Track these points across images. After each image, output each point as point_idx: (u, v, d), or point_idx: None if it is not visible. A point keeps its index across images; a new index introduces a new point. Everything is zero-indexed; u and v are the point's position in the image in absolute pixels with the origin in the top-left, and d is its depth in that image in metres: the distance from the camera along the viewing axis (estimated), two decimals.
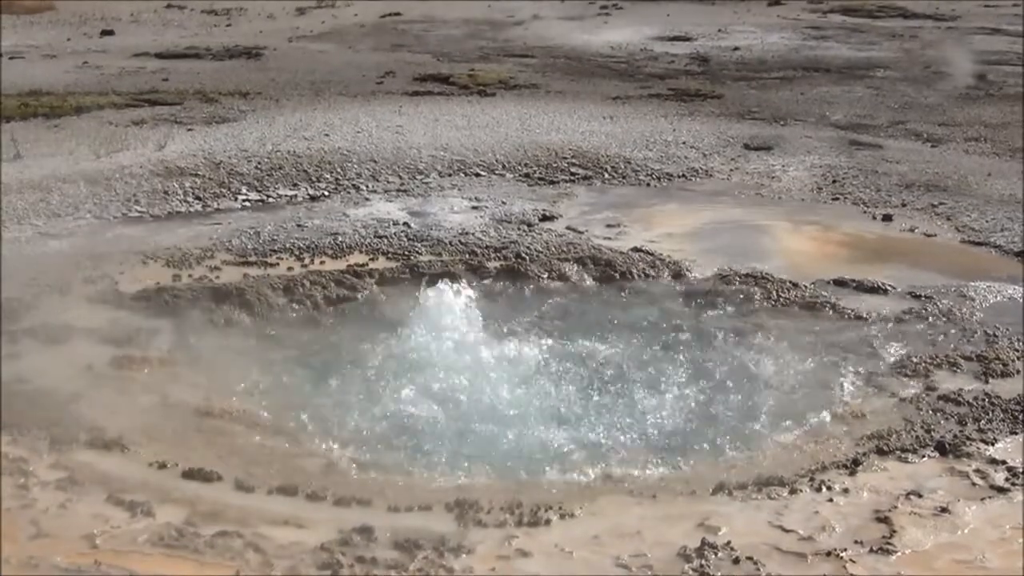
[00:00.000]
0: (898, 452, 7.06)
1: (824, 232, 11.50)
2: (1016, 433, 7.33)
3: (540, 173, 13.36)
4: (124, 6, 28.75)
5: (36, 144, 13.88)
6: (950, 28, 27.40)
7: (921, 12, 29.98)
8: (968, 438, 7.24)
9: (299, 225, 11.14)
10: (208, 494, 6.43)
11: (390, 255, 10.37)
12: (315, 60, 21.70)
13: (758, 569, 5.81)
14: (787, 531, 6.17)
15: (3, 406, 7.23)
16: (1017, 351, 8.57)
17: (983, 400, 7.78)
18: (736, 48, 23.83)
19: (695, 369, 8.27)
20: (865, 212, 12.16)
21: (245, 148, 13.83)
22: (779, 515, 6.33)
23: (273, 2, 30.10)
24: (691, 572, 5.78)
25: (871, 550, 6.00)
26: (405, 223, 11.29)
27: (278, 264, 10.09)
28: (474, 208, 11.95)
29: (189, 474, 6.63)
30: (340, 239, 10.73)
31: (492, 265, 10.17)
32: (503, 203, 12.11)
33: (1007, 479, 6.77)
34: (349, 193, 12.43)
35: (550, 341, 8.61)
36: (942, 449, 7.07)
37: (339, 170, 13.07)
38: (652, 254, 10.45)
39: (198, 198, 12.02)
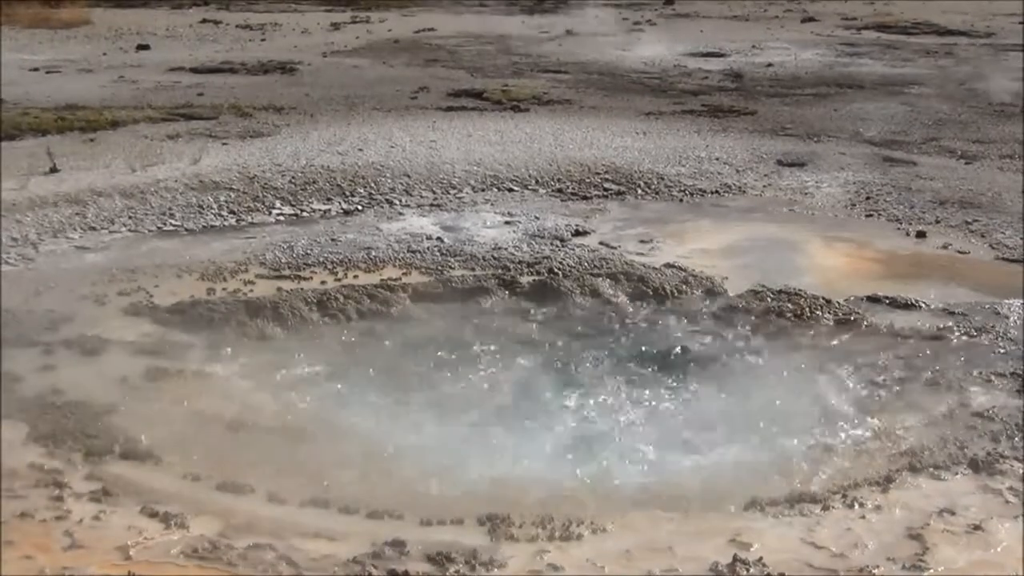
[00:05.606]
0: (931, 469, 7.04)
1: (857, 249, 11.45)
2: None
3: (573, 188, 13.38)
4: (159, 20, 29.05)
5: (72, 158, 14.01)
6: (985, 45, 27.29)
7: (956, 29, 29.91)
8: (1002, 455, 7.21)
9: (332, 239, 11.19)
10: (242, 506, 6.47)
11: (423, 269, 10.40)
12: (349, 75, 21.82)
13: None
14: (819, 547, 6.16)
15: (39, 418, 7.30)
16: None
17: (1017, 417, 7.74)
18: (770, 64, 23.82)
19: (723, 381, 8.27)
20: (899, 229, 12.11)
21: (279, 162, 13.91)
22: (811, 531, 6.32)
23: (307, 17, 30.28)
24: None
25: (904, 567, 5.98)
26: (438, 238, 11.32)
27: (311, 278, 10.13)
28: (507, 223, 11.97)
29: (223, 486, 6.67)
30: (373, 253, 10.77)
31: (525, 280, 10.17)
32: (536, 218, 12.13)
33: None
34: (383, 207, 12.48)
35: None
36: (975, 466, 7.05)
37: (373, 184, 13.12)
38: (685, 270, 10.45)
39: (232, 212, 12.10)
